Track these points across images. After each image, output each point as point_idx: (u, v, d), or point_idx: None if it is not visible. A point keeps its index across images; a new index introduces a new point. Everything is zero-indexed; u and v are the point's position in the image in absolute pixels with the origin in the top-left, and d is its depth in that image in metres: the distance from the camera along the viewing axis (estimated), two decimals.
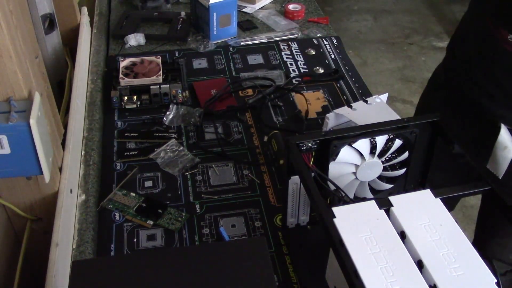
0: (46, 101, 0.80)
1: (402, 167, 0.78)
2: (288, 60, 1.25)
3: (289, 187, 0.75)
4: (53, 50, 1.09)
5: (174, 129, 1.03)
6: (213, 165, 0.96)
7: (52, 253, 0.71)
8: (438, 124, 0.76)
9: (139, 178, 0.93)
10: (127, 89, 1.07)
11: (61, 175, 0.82)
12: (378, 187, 0.80)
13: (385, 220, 0.63)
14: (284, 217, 0.80)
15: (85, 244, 0.81)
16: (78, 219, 0.84)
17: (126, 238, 0.82)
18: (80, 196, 0.88)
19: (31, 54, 0.78)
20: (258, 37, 1.33)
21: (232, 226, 0.85)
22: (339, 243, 0.60)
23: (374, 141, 0.74)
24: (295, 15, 1.41)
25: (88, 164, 0.94)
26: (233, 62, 1.24)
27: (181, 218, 0.85)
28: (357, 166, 0.75)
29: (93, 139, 1.00)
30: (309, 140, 0.72)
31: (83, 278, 0.58)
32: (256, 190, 0.91)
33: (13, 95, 0.71)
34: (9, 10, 0.69)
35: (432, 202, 0.66)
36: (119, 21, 1.36)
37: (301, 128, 1.04)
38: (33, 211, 0.82)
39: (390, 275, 0.57)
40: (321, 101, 1.12)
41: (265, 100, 1.11)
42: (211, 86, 1.14)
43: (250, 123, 1.06)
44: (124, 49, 1.28)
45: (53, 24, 1.08)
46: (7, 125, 0.68)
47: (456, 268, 0.58)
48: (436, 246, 0.60)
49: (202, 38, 1.31)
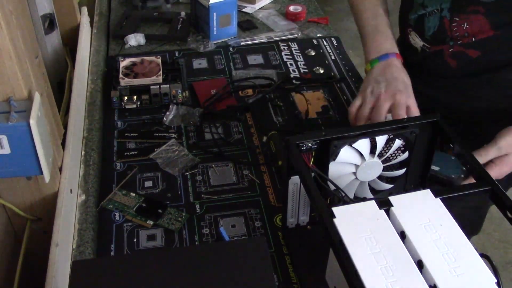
0: (46, 101, 0.80)
1: (402, 167, 0.78)
2: (288, 61, 1.25)
3: (289, 187, 0.75)
4: (53, 50, 1.09)
5: (174, 129, 1.03)
6: (213, 165, 0.96)
7: (52, 253, 0.71)
8: (438, 124, 0.76)
9: (139, 178, 0.93)
10: (127, 89, 1.07)
11: (61, 175, 0.82)
12: (378, 187, 0.80)
13: (385, 220, 0.63)
14: (284, 217, 0.80)
15: (85, 244, 0.81)
16: (78, 219, 0.84)
17: (126, 238, 0.82)
18: (80, 196, 0.88)
19: (31, 54, 0.78)
20: (258, 37, 1.33)
21: (232, 226, 0.85)
22: (339, 243, 0.60)
23: (374, 141, 0.74)
24: (297, 16, 1.41)
25: (88, 164, 0.94)
26: (233, 62, 1.24)
27: (181, 218, 0.85)
28: (357, 166, 0.75)
29: (93, 139, 1.00)
30: (309, 140, 0.72)
31: (83, 278, 0.58)
32: (256, 190, 0.91)
33: (13, 95, 0.71)
34: (9, 10, 0.69)
35: (432, 202, 0.66)
36: (119, 21, 1.36)
37: (301, 128, 1.04)
38: (33, 211, 0.82)
39: (390, 275, 0.57)
40: (321, 101, 1.12)
41: (265, 100, 1.11)
42: (211, 86, 1.14)
43: (250, 123, 1.06)
44: (124, 49, 1.28)
45: (53, 24, 1.08)
46: (7, 125, 0.68)
47: (456, 268, 0.58)
48: (436, 246, 0.60)
49: (202, 38, 1.31)
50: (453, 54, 0.97)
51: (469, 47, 0.95)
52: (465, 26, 0.92)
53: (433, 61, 1.01)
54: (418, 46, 1.02)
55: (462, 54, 0.96)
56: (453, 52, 0.97)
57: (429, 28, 0.98)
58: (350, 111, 0.93)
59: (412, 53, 1.04)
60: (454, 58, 0.98)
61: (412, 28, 1.02)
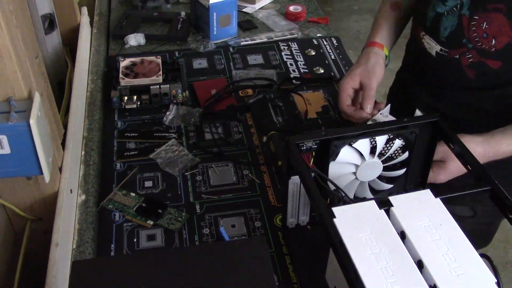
0: (46, 101, 0.80)
1: (402, 167, 0.78)
2: (288, 61, 1.25)
3: (289, 187, 0.75)
4: (53, 50, 1.09)
5: (174, 129, 1.03)
6: (213, 165, 0.96)
7: (52, 253, 0.71)
8: (438, 124, 0.76)
9: (139, 178, 0.93)
10: (127, 89, 1.07)
11: (61, 175, 0.82)
12: (378, 187, 0.80)
13: (385, 220, 0.63)
14: (284, 217, 0.80)
15: (85, 244, 0.81)
16: (78, 219, 0.84)
17: (126, 238, 0.82)
18: (80, 196, 0.88)
19: (31, 54, 0.78)
20: (258, 37, 1.33)
21: (232, 226, 0.85)
22: (339, 243, 0.60)
23: (374, 141, 0.74)
24: (297, 16, 1.41)
25: (88, 164, 0.94)
26: (233, 62, 1.24)
27: (181, 218, 0.85)
28: (357, 166, 0.75)
29: (93, 139, 1.00)
30: (309, 140, 0.72)
31: (83, 278, 0.58)
32: (256, 190, 0.91)
33: (13, 95, 0.71)
34: (9, 10, 0.69)
35: (432, 202, 0.66)
36: (119, 21, 1.36)
37: (301, 128, 1.04)
38: (33, 211, 0.82)
39: (390, 275, 0.57)
40: (321, 101, 1.12)
41: (265, 100, 1.11)
42: (211, 86, 1.14)
43: (250, 123, 1.06)
44: (124, 49, 1.28)
45: (53, 24, 1.08)
46: (7, 125, 0.68)
47: (456, 268, 0.58)
48: (436, 246, 0.60)
49: (202, 38, 1.31)
50: (472, 64, 0.93)
51: (490, 57, 0.90)
52: (484, 26, 0.89)
53: (449, 70, 0.97)
54: (434, 51, 0.98)
55: (481, 65, 0.92)
56: (472, 63, 0.93)
57: (445, 28, 0.94)
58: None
59: (426, 59, 1.00)
60: (473, 69, 0.93)
61: (426, 31, 0.98)
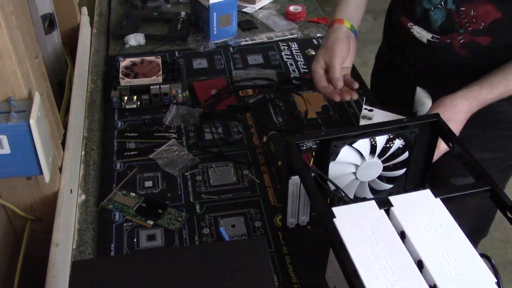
0: (46, 101, 0.80)
1: (402, 167, 0.78)
2: (288, 61, 1.25)
3: (289, 187, 0.75)
4: (53, 50, 1.09)
5: (174, 129, 1.03)
6: (213, 165, 0.96)
7: (52, 253, 0.71)
8: (438, 124, 0.76)
9: (139, 178, 0.93)
10: (127, 89, 1.07)
11: (61, 175, 0.82)
12: (378, 187, 0.80)
13: (385, 220, 0.63)
14: (284, 217, 0.80)
15: (85, 244, 0.81)
16: (78, 219, 0.84)
17: (126, 238, 0.82)
18: (80, 196, 0.88)
19: (31, 54, 0.78)
20: (258, 37, 1.33)
21: (232, 226, 0.85)
22: (339, 243, 0.60)
23: (374, 141, 0.74)
24: (297, 16, 1.41)
25: (88, 164, 0.94)
26: (233, 62, 1.24)
27: (181, 218, 0.85)
28: (357, 166, 0.75)
29: (93, 139, 1.00)
30: (309, 140, 0.72)
31: (83, 278, 0.58)
32: (256, 190, 0.91)
33: (13, 95, 0.71)
34: (9, 10, 0.69)
35: (432, 202, 0.66)
36: (119, 21, 1.36)
37: (301, 128, 1.04)
38: (33, 211, 0.82)
39: (390, 275, 0.57)
40: (321, 101, 1.12)
41: (265, 100, 1.11)
42: (211, 86, 1.14)
43: (250, 123, 1.06)
44: (124, 49, 1.28)
45: (53, 24, 1.08)
46: (7, 125, 0.68)
47: (456, 268, 0.58)
48: (436, 246, 0.60)
49: (202, 38, 1.31)
50: (463, 44, 0.95)
51: (479, 34, 0.93)
52: (472, 13, 0.91)
53: (441, 54, 0.99)
54: (425, 39, 1.00)
55: (472, 44, 0.94)
56: (463, 43, 0.95)
57: (436, 20, 0.96)
58: None
59: (417, 46, 1.02)
60: (464, 48, 0.96)
61: (415, 23, 1.00)
